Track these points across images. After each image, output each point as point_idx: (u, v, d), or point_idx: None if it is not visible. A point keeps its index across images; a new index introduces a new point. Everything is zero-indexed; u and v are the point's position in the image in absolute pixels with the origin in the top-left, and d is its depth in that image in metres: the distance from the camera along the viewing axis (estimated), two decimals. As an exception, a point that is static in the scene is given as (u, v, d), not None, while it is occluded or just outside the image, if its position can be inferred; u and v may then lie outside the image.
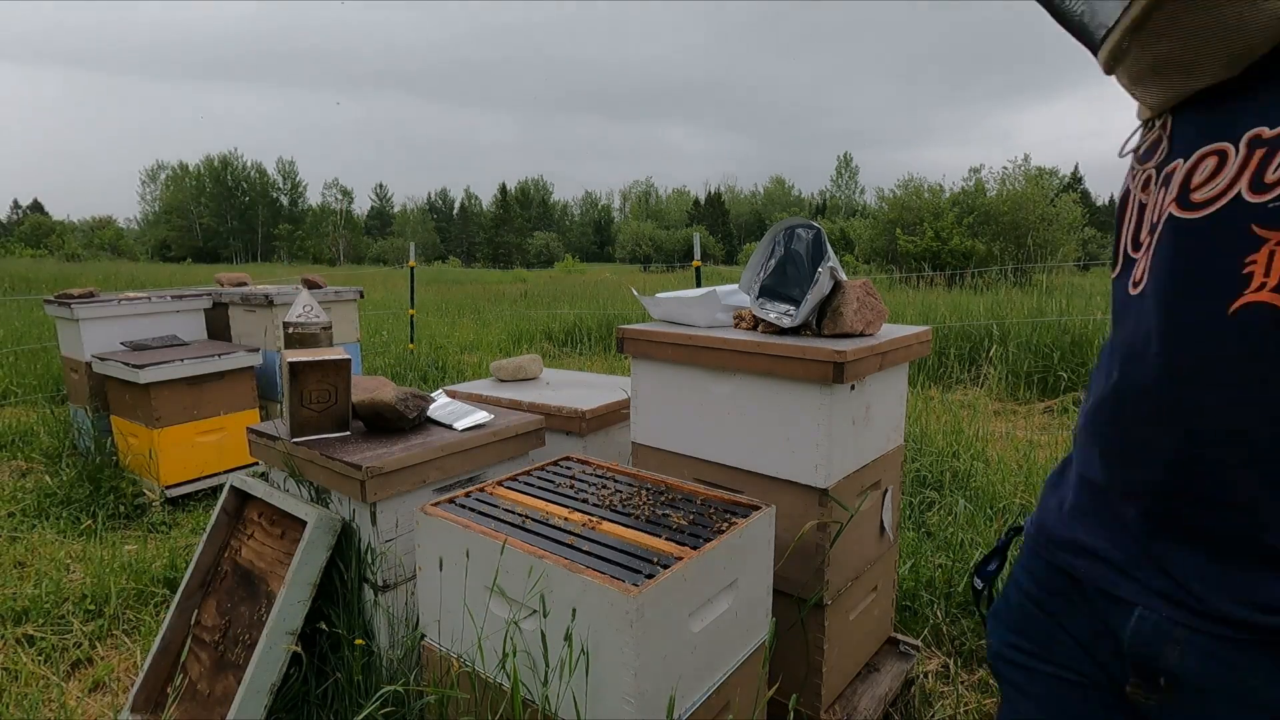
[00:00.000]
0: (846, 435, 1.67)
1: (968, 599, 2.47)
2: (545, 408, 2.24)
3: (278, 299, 4.06)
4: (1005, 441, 4.32)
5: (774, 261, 1.83)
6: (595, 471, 1.72)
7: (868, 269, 22.39)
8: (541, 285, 20.87)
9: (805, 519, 1.65)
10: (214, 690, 1.75)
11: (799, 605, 1.69)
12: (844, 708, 1.81)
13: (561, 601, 1.20)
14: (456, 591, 1.37)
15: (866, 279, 1.78)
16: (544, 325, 10.05)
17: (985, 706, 2.00)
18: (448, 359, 7.66)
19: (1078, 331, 6.14)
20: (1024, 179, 22.35)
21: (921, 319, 7.58)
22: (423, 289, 18.04)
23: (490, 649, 1.32)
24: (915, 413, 4.62)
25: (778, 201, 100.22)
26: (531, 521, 1.40)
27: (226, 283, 4.56)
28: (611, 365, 7.37)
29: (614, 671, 1.15)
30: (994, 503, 3.22)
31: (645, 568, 1.20)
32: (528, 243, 78.83)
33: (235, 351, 3.76)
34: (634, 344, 1.90)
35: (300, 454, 1.82)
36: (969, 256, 19.43)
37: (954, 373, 6.34)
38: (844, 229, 37.00)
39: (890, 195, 24.53)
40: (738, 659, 1.39)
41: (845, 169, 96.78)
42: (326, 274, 22.80)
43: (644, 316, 2.05)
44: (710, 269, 29.09)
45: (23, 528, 3.24)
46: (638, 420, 1.96)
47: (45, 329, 7.88)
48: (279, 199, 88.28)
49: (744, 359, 1.69)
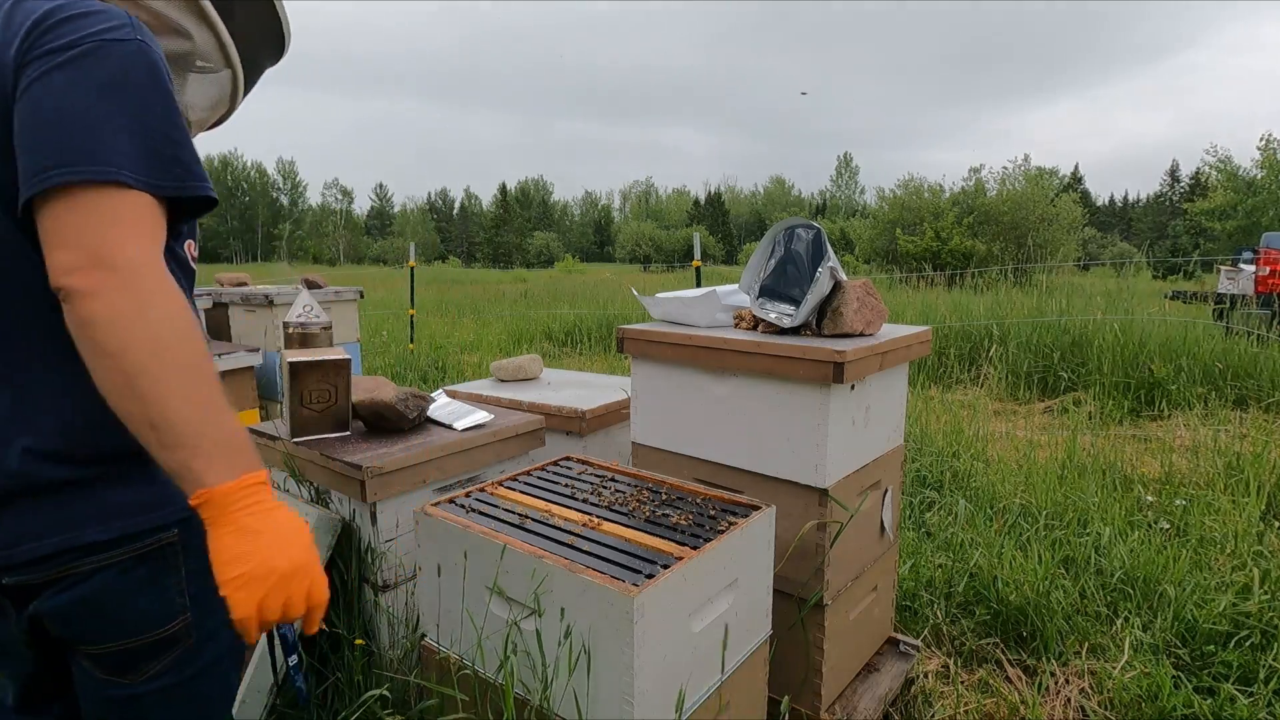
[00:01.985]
0: (846, 435, 1.67)
1: (968, 599, 2.47)
2: (545, 408, 2.24)
3: (278, 299, 4.06)
4: (1005, 441, 4.32)
5: (774, 261, 1.83)
6: (595, 471, 1.72)
7: (868, 269, 22.39)
8: (541, 285, 20.87)
9: (805, 519, 1.65)
10: (214, 690, 1.75)
11: (799, 605, 1.69)
12: (844, 708, 1.81)
13: (562, 601, 1.20)
14: (456, 592, 1.37)
15: (866, 279, 1.78)
16: (544, 325, 10.05)
17: (985, 706, 2.00)
18: (448, 359, 7.66)
19: (1078, 331, 6.14)
20: (1024, 179, 22.37)
21: (921, 319, 7.58)
22: (423, 289, 18.03)
23: (490, 649, 1.32)
24: (915, 413, 4.62)
25: (778, 201, 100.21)
26: (531, 521, 1.40)
27: (226, 283, 4.56)
28: (611, 365, 7.37)
29: (614, 671, 1.15)
30: (994, 503, 3.22)
31: (645, 568, 1.20)
32: (528, 243, 78.86)
33: (235, 351, 3.75)
34: (634, 344, 1.90)
35: (300, 454, 1.82)
36: (969, 256, 19.44)
37: (954, 373, 6.34)
38: (844, 229, 37.00)
39: (890, 195, 24.54)
40: (738, 659, 1.39)
41: (845, 169, 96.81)
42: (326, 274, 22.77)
43: (644, 316, 2.05)
44: (710, 269, 29.09)
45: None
46: (638, 420, 1.96)
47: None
48: (279, 199, 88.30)
49: (744, 359, 1.69)
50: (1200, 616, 2.23)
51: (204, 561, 0.86)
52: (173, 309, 0.83)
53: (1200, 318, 6.80)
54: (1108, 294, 7.80)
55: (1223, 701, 1.92)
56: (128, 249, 0.81)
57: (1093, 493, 3.21)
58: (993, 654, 2.23)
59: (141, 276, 0.81)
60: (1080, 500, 3.13)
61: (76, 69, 0.83)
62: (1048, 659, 2.17)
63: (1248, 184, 28.44)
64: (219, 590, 0.83)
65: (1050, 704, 2.02)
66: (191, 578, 0.97)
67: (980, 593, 2.46)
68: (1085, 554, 2.66)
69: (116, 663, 0.96)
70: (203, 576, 0.90)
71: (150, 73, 0.88)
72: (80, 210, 0.81)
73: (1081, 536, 2.79)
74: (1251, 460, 3.39)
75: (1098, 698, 2.02)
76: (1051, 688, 2.07)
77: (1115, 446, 3.97)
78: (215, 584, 0.84)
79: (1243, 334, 6.07)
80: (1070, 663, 2.15)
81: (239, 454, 0.86)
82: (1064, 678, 2.10)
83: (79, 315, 0.80)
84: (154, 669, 0.97)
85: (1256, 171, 28.19)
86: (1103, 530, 2.80)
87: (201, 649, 1.00)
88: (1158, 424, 4.84)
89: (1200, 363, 5.43)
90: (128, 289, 0.80)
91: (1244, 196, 27.93)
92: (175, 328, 0.83)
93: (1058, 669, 2.13)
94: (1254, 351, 5.58)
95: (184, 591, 0.97)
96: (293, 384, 1.82)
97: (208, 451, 0.83)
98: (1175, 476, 3.49)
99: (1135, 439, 4.40)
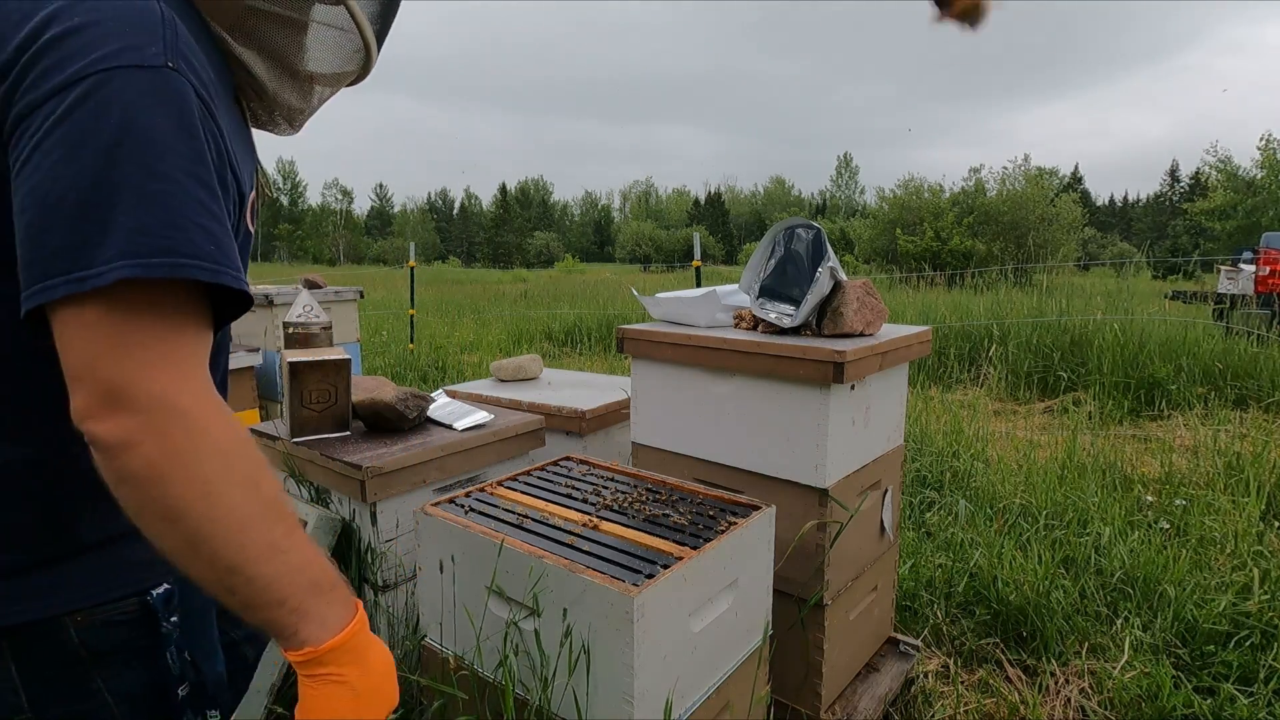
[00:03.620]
0: (846, 435, 1.67)
1: (968, 599, 2.47)
2: (545, 408, 2.24)
3: (278, 299, 4.06)
4: (1005, 441, 4.32)
5: (774, 261, 1.83)
6: (595, 471, 1.72)
7: (868, 269, 22.39)
8: (541, 285, 20.88)
9: (805, 519, 1.65)
10: (214, 690, 1.75)
11: (799, 605, 1.69)
12: (844, 708, 1.81)
13: (562, 601, 1.20)
14: (456, 592, 1.37)
15: (866, 279, 1.78)
16: (544, 325, 10.05)
17: (985, 706, 2.00)
18: (448, 359, 7.66)
19: (1078, 331, 6.14)
20: (1024, 179, 22.37)
21: (921, 319, 7.58)
22: (422, 289, 18.03)
23: (490, 649, 1.32)
24: (915, 413, 4.62)
25: (778, 201, 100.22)
26: (531, 521, 1.40)
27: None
28: (611, 365, 7.37)
29: (614, 671, 1.15)
30: (994, 503, 3.22)
31: (645, 567, 1.20)
32: (528, 243, 78.84)
33: (235, 351, 3.76)
34: (634, 344, 1.89)
35: (300, 454, 1.82)
36: (969, 256, 19.45)
37: (954, 373, 6.34)
38: (844, 229, 37.02)
39: (890, 195, 24.54)
40: (738, 659, 1.39)
41: (845, 169, 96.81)
42: (326, 274, 22.78)
43: (644, 316, 2.05)
44: (710, 269, 29.09)
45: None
46: (638, 420, 1.96)
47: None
48: (279, 199, 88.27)
49: (744, 359, 1.69)
50: (1200, 616, 2.23)
51: (42, 663, 0.80)
52: (222, 441, 0.69)
53: (1200, 318, 6.80)
54: (1108, 294, 7.80)
55: (1223, 701, 1.92)
56: (152, 381, 0.65)
57: (1093, 493, 3.21)
58: (993, 654, 2.23)
59: (175, 414, 0.66)
60: (1080, 500, 3.13)
61: (74, 126, 0.63)
62: (1048, 659, 2.17)
63: (1248, 184, 28.45)
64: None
65: (1050, 704, 2.02)
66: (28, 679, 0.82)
67: (980, 593, 2.46)
68: (1085, 554, 2.66)
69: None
70: (42, 680, 0.82)
71: (177, 115, 0.67)
72: (86, 333, 0.64)
73: (1081, 536, 2.80)
74: (1251, 460, 3.40)
75: (1098, 698, 2.02)
76: (1051, 688, 2.07)
77: (1115, 446, 3.97)
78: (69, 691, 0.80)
79: (1243, 334, 6.07)
80: (1070, 663, 2.16)
81: (334, 595, 0.76)
82: (1064, 678, 2.10)
83: (110, 473, 0.66)
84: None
85: (1256, 171, 28.20)
86: (1103, 530, 2.80)
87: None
88: (1158, 424, 4.84)
89: (1200, 363, 5.43)
90: (161, 435, 0.65)
91: (1244, 196, 27.94)
92: (229, 465, 0.69)
93: (1058, 669, 2.13)
94: (1254, 351, 5.58)
95: (17, 691, 0.82)
96: (293, 384, 1.82)
97: (302, 606, 0.72)
98: (1175, 476, 3.49)
99: (1135, 439, 4.40)
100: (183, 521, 0.66)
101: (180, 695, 0.89)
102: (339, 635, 0.75)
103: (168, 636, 0.88)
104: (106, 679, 0.84)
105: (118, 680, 0.85)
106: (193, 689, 0.91)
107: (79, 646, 0.82)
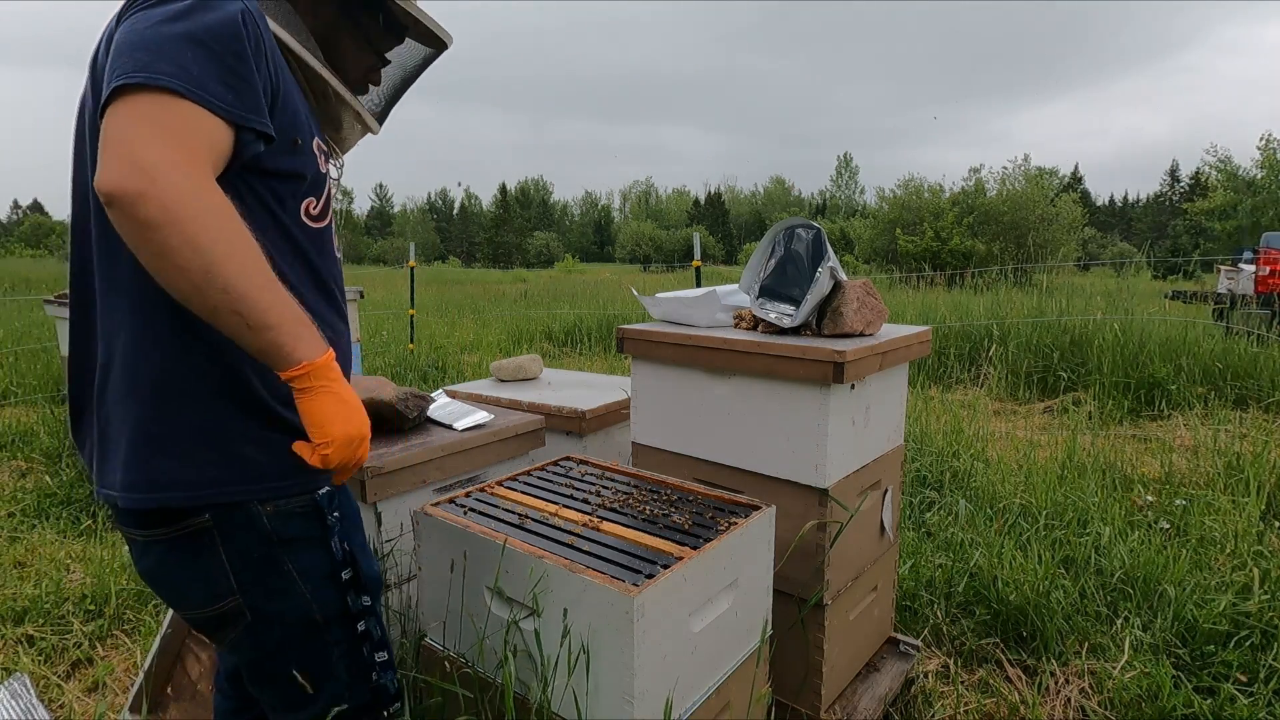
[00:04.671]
0: (846, 435, 1.67)
1: (968, 599, 2.47)
2: (545, 408, 2.24)
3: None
4: (1005, 441, 4.32)
5: (774, 261, 1.83)
6: (595, 471, 1.72)
7: (868, 269, 22.39)
8: (541, 285, 20.87)
9: (805, 519, 1.65)
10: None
11: (799, 605, 1.69)
12: (844, 707, 1.81)
13: (562, 601, 1.20)
14: (457, 592, 1.37)
15: (866, 279, 1.78)
16: (544, 325, 10.05)
17: (985, 706, 2.00)
18: (448, 359, 7.66)
19: (1078, 331, 6.14)
20: (1024, 179, 22.37)
21: (921, 319, 7.58)
22: (422, 289, 18.02)
23: (491, 649, 1.32)
24: (915, 413, 4.62)
25: (778, 201, 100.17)
26: (531, 521, 1.40)
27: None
28: (611, 365, 7.37)
29: (614, 671, 1.15)
30: (994, 503, 3.22)
31: (645, 567, 1.20)
32: (528, 243, 78.80)
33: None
34: (634, 344, 1.90)
35: (300, 454, 1.82)
36: (969, 256, 19.44)
37: (954, 373, 6.34)
38: (844, 229, 37.01)
39: (890, 195, 24.53)
40: (738, 659, 1.39)
41: (845, 169, 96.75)
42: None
43: (644, 316, 2.05)
44: (710, 269, 29.09)
45: (23, 528, 3.24)
46: (638, 420, 1.96)
47: (45, 329, 7.87)
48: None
49: (744, 359, 1.69)
50: (1200, 616, 2.23)
51: (247, 545, 1.00)
52: (218, 202, 0.86)
53: (1200, 318, 6.80)
54: (1108, 294, 7.79)
55: (1223, 701, 1.92)
56: (164, 152, 0.83)
57: (1093, 493, 3.21)
58: (993, 654, 2.23)
59: (179, 175, 0.83)
60: (1080, 500, 3.13)
61: (158, 7, 0.89)
62: (1048, 659, 2.17)
63: (1248, 184, 28.43)
64: (314, 439, 0.96)
65: (1050, 704, 2.02)
66: (235, 560, 1.03)
67: (980, 593, 2.46)
68: (1085, 554, 2.66)
69: (197, 627, 1.11)
70: (247, 562, 1.02)
71: (230, 25, 0.90)
72: (123, 114, 0.83)
73: (1081, 536, 2.79)
74: (1251, 460, 3.39)
75: (1098, 698, 2.02)
76: (1051, 688, 2.07)
77: (1115, 446, 3.97)
78: (267, 569, 1.01)
79: (1243, 334, 6.07)
80: (1070, 663, 2.15)
81: (314, 327, 0.96)
82: (1064, 678, 2.10)
83: (131, 226, 0.82)
84: (230, 639, 1.08)
85: (1256, 171, 28.18)
86: (1103, 530, 2.80)
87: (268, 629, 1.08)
88: (1158, 424, 4.84)
89: (1200, 363, 5.43)
90: (168, 187, 0.81)
91: (1244, 196, 27.92)
92: (228, 216, 0.87)
93: (1058, 669, 2.13)
94: (1254, 351, 5.58)
95: (228, 575, 1.03)
96: (293, 384, 1.81)
97: (295, 330, 0.91)
98: (1175, 476, 3.49)
99: (1135, 439, 4.40)
100: (200, 254, 0.83)
101: (344, 578, 1.11)
102: (324, 355, 0.95)
103: (332, 528, 1.09)
104: (293, 560, 1.06)
105: (301, 561, 1.07)
106: (353, 575, 1.12)
107: (270, 533, 1.03)
